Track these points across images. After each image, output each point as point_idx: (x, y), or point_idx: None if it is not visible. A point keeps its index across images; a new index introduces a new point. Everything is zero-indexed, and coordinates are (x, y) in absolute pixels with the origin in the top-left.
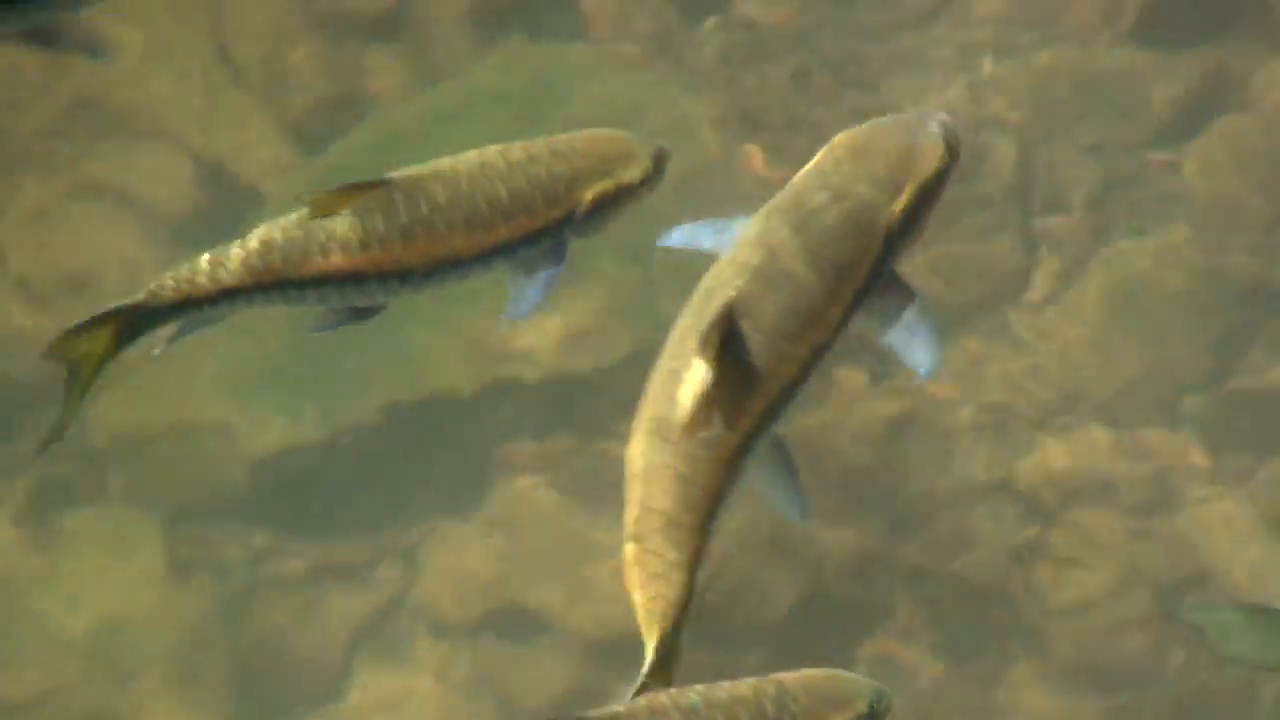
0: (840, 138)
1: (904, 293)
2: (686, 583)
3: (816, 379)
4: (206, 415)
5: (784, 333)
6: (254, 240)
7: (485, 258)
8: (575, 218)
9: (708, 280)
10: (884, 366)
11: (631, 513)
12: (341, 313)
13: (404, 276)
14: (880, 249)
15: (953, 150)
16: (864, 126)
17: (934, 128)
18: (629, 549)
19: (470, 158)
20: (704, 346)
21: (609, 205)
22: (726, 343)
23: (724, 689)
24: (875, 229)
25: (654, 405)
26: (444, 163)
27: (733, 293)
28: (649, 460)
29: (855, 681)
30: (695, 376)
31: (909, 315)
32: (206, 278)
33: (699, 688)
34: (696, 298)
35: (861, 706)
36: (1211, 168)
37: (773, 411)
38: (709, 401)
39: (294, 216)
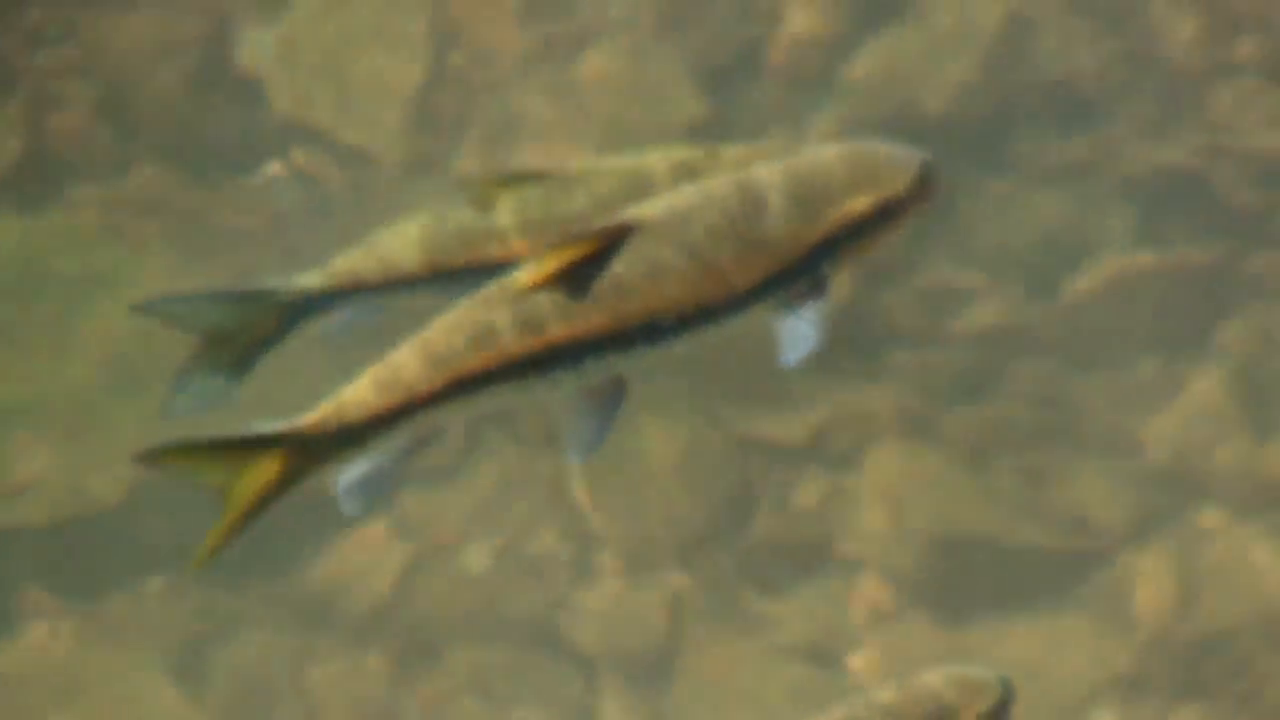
0: (847, 142)
1: (817, 291)
2: (387, 399)
3: (702, 338)
4: None
5: (674, 275)
6: (425, 224)
7: None
8: None
9: (642, 204)
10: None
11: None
12: None
13: None
14: (817, 242)
15: (925, 185)
16: (864, 141)
17: (916, 165)
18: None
19: (623, 161)
20: (571, 242)
21: None
22: (601, 253)
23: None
24: (818, 223)
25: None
26: (607, 162)
27: (634, 218)
28: (463, 303)
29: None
30: (552, 262)
31: (807, 309)
32: (376, 264)
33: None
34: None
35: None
36: None
37: (621, 339)
38: (549, 281)
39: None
